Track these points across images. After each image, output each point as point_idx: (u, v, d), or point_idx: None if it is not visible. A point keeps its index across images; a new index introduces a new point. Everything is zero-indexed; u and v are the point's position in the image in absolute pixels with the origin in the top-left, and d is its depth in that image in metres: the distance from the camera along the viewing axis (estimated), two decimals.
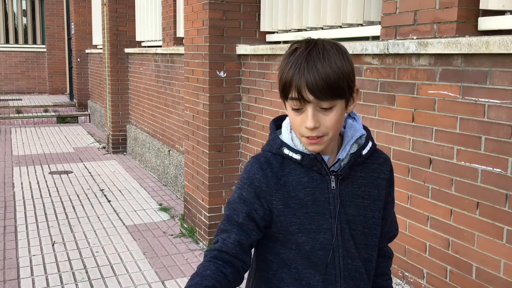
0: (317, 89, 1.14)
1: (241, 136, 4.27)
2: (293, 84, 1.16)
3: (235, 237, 1.25)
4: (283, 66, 1.21)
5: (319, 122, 1.18)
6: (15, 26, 14.87)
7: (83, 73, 11.68)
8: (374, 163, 1.34)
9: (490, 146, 2.08)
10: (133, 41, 7.85)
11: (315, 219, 1.27)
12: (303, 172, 1.27)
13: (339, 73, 1.16)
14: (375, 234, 1.35)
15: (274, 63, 3.72)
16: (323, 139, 1.21)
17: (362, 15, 3.01)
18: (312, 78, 1.14)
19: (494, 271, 2.10)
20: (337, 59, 1.17)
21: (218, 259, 1.24)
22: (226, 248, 1.25)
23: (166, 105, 6.29)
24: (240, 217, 1.26)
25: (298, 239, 1.27)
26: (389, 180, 1.38)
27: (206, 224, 4.27)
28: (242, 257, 1.26)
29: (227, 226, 1.28)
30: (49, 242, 4.34)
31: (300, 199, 1.27)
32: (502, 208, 2.05)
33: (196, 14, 4.24)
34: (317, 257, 1.28)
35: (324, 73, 1.14)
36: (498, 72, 2.03)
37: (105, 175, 6.70)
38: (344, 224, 1.29)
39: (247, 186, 1.28)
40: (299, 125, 1.21)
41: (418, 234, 2.49)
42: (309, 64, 1.15)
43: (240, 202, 1.28)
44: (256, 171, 1.28)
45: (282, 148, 1.28)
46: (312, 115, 1.17)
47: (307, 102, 1.16)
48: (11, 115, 11.14)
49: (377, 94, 2.68)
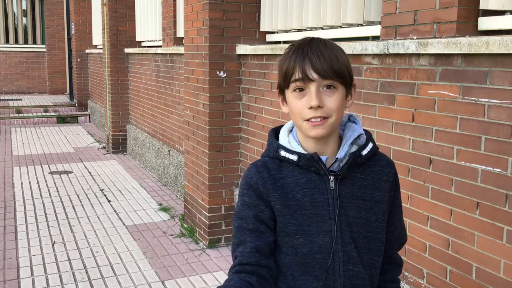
0: (321, 67, 1.18)
1: (241, 136, 4.27)
2: (297, 65, 1.20)
3: (251, 245, 1.23)
4: (284, 57, 1.25)
5: (322, 102, 1.19)
6: (15, 26, 14.86)
7: (83, 73, 11.68)
8: (376, 165, 1.32)
9: (490, 146, 2.08)
10: (133, 41, 7.85)
11: (314, 220, 1.25)
12: (301, 174, 1.26)
13: (341, 59, 1.22)
14: (380, 239, 1.31)
15: (274, 63, 3.72)
16: (326, 122, 1.21)
17: (362, 15, 3.01)
18: (316, 58, 1.19)
19: (494, 271, 2.10)
20: (337, 49, 1.24)
21: (241, 272, 1.21)
22: (246, 260, 1.22)
23: (166, 105, 6.29)
24: (250, 222, 1.24)
25: (295, 241, 1.25)
26: (393, 183, 1.35)
27: (206, 224, 4.27)
28: (265, 263, 1.23)
29: (240, 238, 1.25)
30: (49, 242, 4.34)
31: (298, 200, 1.25)
32: (502, 208, 2.05)
33: (196, 14, 4.24)
34: (315, 261, 1.25)
35: (327, 55, 1.20)
36: (498, 72, 2.03)
37: (105, 175, 6.70)
38: (344, 226, 1.26)
39: (247, 190, 1.28)
40: (302, 108, 1.21)
41: (418, 234, 2.49)
42: (312, 47, 1.21)
43: (245, 209, 1.26)
44: (253, 174, 1.28)
45: (279, 150, 1.28)
46: (316, 93, 1.19)
47: (311, 81, 1.19)
48: (11, 115, 11.14)
49: (377, 94, 2.68)
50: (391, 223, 1.36)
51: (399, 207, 1.39)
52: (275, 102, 3.74)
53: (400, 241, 1.44)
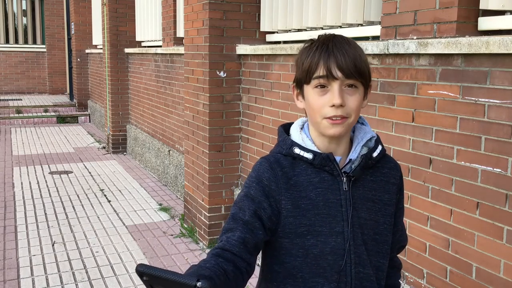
0: (346, 66, 1.18)
1: (241, 136, 4.27)
2: (322, 62, 1.19)
3: (240, 235, 1.18)
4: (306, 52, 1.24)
5: (344, 101, 1.19)
6: (15, 26, 14.86)
7: (83, 73, 11.68)
8: (384, 167, 1.32)
9: (490, 146, 2.08)
10: (133, 41, 7.85)
11: (327, 221, 1.23)
12: (314, 173, 1.25)
13: (363, 59, 1.22)
14: (387, 241, 1.31)
15: (274, 63, 3.72)
16: (345, 121, 1.20)
17: (362, 15, 3.01)
18: (341, 56, 1.18)
19: (494, 271, 2.10)
20: (359, 48, 1.24)
21: (220, 256, 1.14)
22: (229, 246, 1.16)
23: (166, 105, 6.29)
24: (247, 214, 1.20)
25: (306, 242, 1.22)
26: (399, 186, 1.35)
27: (206, 224, 4.27)
28: (246, 257, 1.17)
29: (232, 225, 1.21)
30: (49, 242, 4.34)
31: (311, 199, 1.23)
32: (502, 208, 2.05)
33: (196, 14, 4.24)
34: (326, 262, 1.23)
35: (352, 54, 1.20)
36: (498, 72, 2.03)
37: (105, 175, 6.70)
38: (356, 228, 1.25)
39: (255, 184, 1.24)
40: (322, 106, 1.20)
41: (418, 234, 2.49)
42: (336, 45, 1.20)
43: (248, 200, 1.22)
44: (265, 170, 1.24)
45: (293, 148, 1.26)
46: (339, 91, 1.19)
47: (334, 79, 1.19)
48: (11, 115, 11.14)
49: (377, 94, 2.68)
50: (394, 225, 1.36)
51: (401, 209, 1.39)
52: (275, 102, 3.74)
53: (401, 244, 1.43)
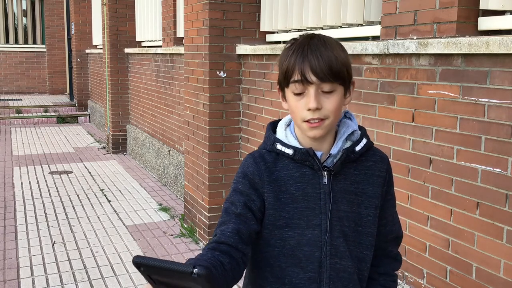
0: (320, 70, 1.19)
1: (241, 136, 4.27)
2: (296, 67, 1.21)
3: (234, 226, 1.23)
4: (285, 54, 1.26)
5: (321, 104, 1.21)
6: (15, 26, 14.87)
7: (83, 73, 11.68)
8: (369, 160, 1.34)
9: (490, 146, 2.08)
10: (133, 41, 7.85)
11: (305, 214, 1.28)
12: (296, 168, 1.29)
13: (340, 59, 1.22)
14: (371, 233, 1.33)
15: (274, 63, 3.72)
16: (323, 123, 1.23)
17: (362, 15, 3.01)
18: (315, 60, 1.19)
19: (494, 271, 2.10)
20: (337, 48, 1.24)
21: (216, 250, 1.18)
22: (224, 238, 1.21)
23: (166, 105, 6.29)
24: (238, 207, 1.26)
25: (284, 234, 1.28)
26: (386, 178, 1.36)
27: (206, 224, 4.27)
28: (241, 247, 1.22)
29: (225, 218, 1.27)
30: (49, 242, 4.34)
31: (290, 193, 1.28)
32: (502, 208, 2.05)
33: (196, 14, 4.24)
34: (302, 253, 1.28)
35: (327, 57, 1.20)
36: (498, 72, 2.03)
37: (105, 175, 6.70)
38: (335, 220, 1.28)
39: (241, 179, 1.30)
40: (301, 110, 1.23)
41: (418, 234, 2.49)
42: (311, 48, 1.21)
43: (237, 194, 1.29)
44: (250, 164, 1.31)
45: (276, 144, 1.31)
46: (314, 95, 1.21)
47: (309, 83, 1.20)
48: (11, 115, 11.14)
49: (377, 94, 2.68)
50: (383, 217, 1.38)
51: (391, 201, 1.41)
52: (275, 102, 3.74)
53: (393, 234, 1.43)
